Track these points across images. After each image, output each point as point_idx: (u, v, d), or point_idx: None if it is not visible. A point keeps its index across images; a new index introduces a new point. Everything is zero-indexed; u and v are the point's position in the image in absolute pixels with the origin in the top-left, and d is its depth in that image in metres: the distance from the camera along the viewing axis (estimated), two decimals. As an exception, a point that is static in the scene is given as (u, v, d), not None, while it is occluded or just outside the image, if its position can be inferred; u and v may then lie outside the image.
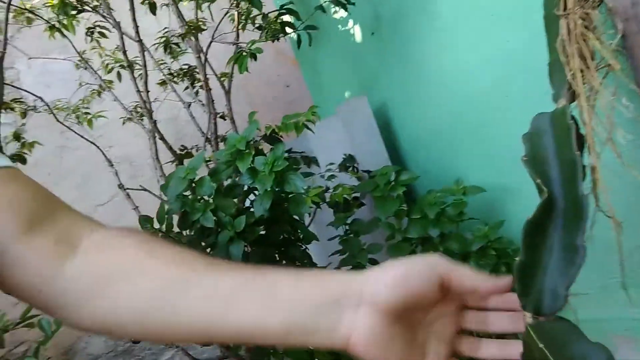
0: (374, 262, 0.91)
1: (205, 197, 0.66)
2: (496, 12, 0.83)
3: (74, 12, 1.16)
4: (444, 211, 0.82)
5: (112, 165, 1.22)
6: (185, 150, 1.46)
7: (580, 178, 0.39)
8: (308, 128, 0.75)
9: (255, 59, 0.89)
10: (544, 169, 0.41)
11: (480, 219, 0.84)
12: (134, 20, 1.11)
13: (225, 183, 0.73)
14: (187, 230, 0.65)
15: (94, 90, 1.60)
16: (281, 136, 0.75)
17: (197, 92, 1.58)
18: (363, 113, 1.19)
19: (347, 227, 0.98)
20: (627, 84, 0.43)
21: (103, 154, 1.28)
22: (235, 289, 0.39)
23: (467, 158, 1.00)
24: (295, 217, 0.75)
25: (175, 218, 0.67)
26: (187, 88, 1.61)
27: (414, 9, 1.00)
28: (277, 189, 0.67)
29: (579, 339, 0.35)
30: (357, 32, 1.24)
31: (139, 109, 1.25)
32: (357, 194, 1.09)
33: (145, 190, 1.19)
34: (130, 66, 1.16)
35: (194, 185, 0.64)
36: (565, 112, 0.43)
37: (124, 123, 1.61)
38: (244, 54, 0.88)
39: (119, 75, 1.56)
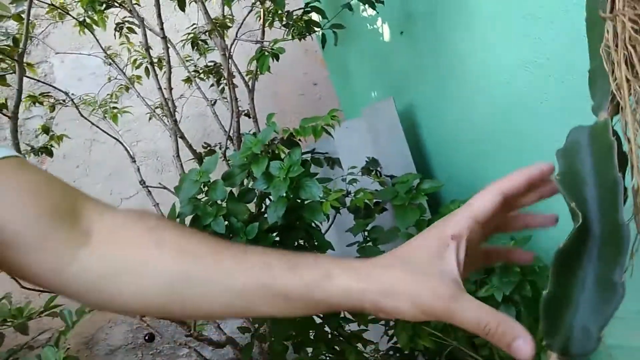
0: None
1: (218, 201, 0.64)
2: (534, 13, 0.78)
3: (101, 8, 1.16)
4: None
5: (134, 161, 1.23)
6: (209, 148, 1.45)
7: (621, 203, 0.34)
8: (327, 132, 0.72)
9: (278, 59, 0.87)
10: (580, 190, 0.37)
11: (508, 233, 0.79)
12: (159, 16, 1.11)
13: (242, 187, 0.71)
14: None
15: (121, 85, 1.61)
16: (300, 140, 0.72)
17: (222, 90, 1.57)
18: (389, 115, 1.15)
19: (366, 234, 0.95)
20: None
21: (126, 149, 1.29)
22: (247, 286, 0.38)
23: (496, 166, 0.95)
24: (312, 223, 0.72)
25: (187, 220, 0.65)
26: (212, 85, 1.61)
27: (446, 7, 0.96)
28: (292, 196, 0.64)
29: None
30: (386, 31, 1.19)
31: (163, 106, 1.25)
32: (380, 200, 1.05)
33: (164, 188, 1.19)
34: (152, 63, 1.16)
35: (207, 188, 0.63)
36: (607, 126, 0.38)
37: (150, 119, 1.62)
38: (266, 53, 0.85)
39: (147, 70, 1.56)
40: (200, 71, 1.41)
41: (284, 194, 0.61)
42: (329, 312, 0.40)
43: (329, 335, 0.78)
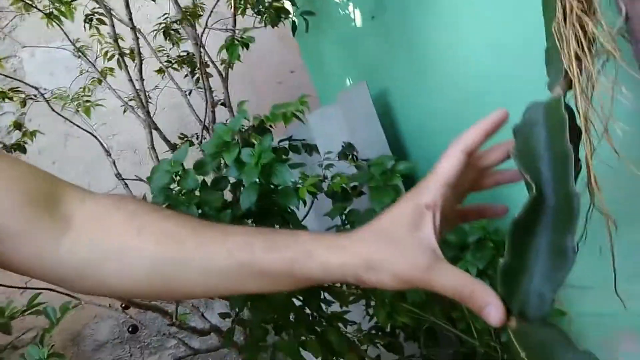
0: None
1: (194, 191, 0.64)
2: (499, -6, 0.79)
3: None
4: (442, 202, 0.80)
5: (109, 154, 1.21)
6: (186, 139, 1.44)
7: (571, 173, 0.36)
8: (298, 118, 0.73)
9: (248, 47, 0.87)
10: (534, 163, 0.38)
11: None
12: (127, 5, 1.09)
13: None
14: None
15: (94, 78, 1.59)
16: (271, 126, 0.72)
17: (197, 80, 1.55)
18: (362, 100, 1.15)
19: (344, 217, 0.96)
20: (627, 72, 0.39)
21: (100, 142, 1.27)
22: (230, 266, 0.39)
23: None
24: (287, 209, 0.73)
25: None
26: (186, 76, 1.59)
27: (414, -9, 0.96)
28: (265, 182, 0.65)
29: (566, 347, 0.33)
30: (357, 16, 1.20)
31: (135, 98, 1.23)
32: (357, 183, 1.06)
33: (141, 180, 1.18)
34: (121, 54, 1.14)
35: (179, 177, 0.63)
36: (560, 101, 0.40)
37: (124, 112, 1.60)
38: (236, 42, 0.85)
39: (119, 62, 1.54)
40: (173, 61, 1.39)
41: (256, 180, 0.62)
42: (313, 285, 0.42)
43: (310, 317, 0.80)
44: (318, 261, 0.37)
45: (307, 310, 0.81)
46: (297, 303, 0.80)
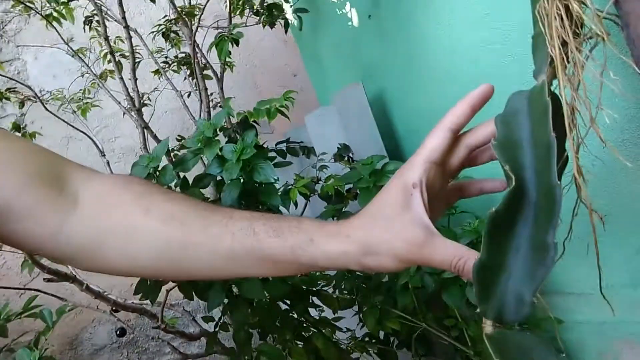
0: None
1: (172, 187, 0.62)
2: (493, -11, 0.77)
3: (64, 0, 1.13)
4: (434, 204, 0.77)
5: (104, 155, 1.20)
6: (182, 140, 1.43)
7: (554, 164, 0.33)
8: (282, 114, 0.71)
9: (237, 44, 0.85)
10: (515, 153, 0.36)
11: (472, 212, 0.78)
12: (120, 4, 1.08)
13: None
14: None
15: (94, 80, 1.58)
16: (255, 122, 0.70)
17: (197, 84, 1.54)
18: (358, 101, 1.13)
19: (337, 220, 0.93)
20: (617, 56, 0.36)
21: (95, 143, 1.27)
22: (235, 250, 0.39)
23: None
24: (273, 208, 0.71)
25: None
26: (186, 78, 1.58)
27: (409, -12, 0.94)
28: (247, 179, 0.63)
29: (544, 354, 0.30)
30: (354, 16, 1.18)
31: (127, 98, 1.22)
32: (351, 185, 1.04)
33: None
34: (112, 52, 1.13)
35: (157, 174, 0.61)
36: (543, 87, 0.37)
37: (124, 114, 1.59)
38: (225, 38, 0.83)
39: (117, 64, 1.53)
40: (171, 62, 1.38)
41: (238, 177, 0.60)
42: (318, 271, 0.43)
43: (297, 322, 0.77)
44: (320, 249, 0.38)
45: (295, 315, 0.79)
46: (284, 307, 0.78)
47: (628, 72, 0.38)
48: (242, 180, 0.62)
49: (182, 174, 0.64)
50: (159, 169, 0.61)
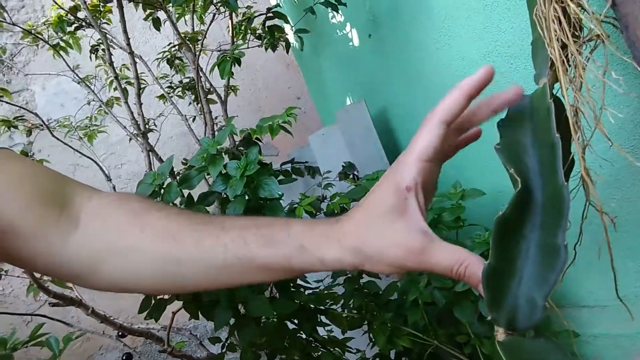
0: (370, 274, 0.86)
1: (177, 205, 0.62)
2: (491, 3, 0.78)
3: (71, 29, 1.16)
4: (441, 217, 0.76)
5: (110, 179, 1.21)
6: (188, 164, 1.43)
7: (559, 163, 0.33)
8: (286, 130, 0.71)
9: (239, 64, 0.86)
10: (519, 156, 0.35)
11: (481, 224, 0.77)
12: (125, 31, 1.10)
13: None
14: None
15: (100, 108, 1.61)
16: (258, 139, 0.70)
17: (202, 108, 1.56)
18: (361, 118, 1.14)
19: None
20: (618, 58, 0.36)
21: (101, 168, 1.27)
22: (228, 261, 0.39)
23: (469, 161, 0.93)
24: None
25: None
26: (190, 103, 1.60)
27: (408, 6, 0.96)
28: (252, 196, 0.62)
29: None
30: (355, 35, 1.19)
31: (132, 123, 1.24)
32: (352, 198, 1.03)
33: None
34: (117, 77, 1.15)
35: (162, 191, 0.61)
36: (545, 90, 0.37)
37: (130, 140, 1.61)
38: (227, 58, 0.85)
39: (124, 91, 1.56)
40: (175, 87, 1.40)
41: (243, 194, 0.60)
42: (313, 272, 0.42)
43: (305, 342, 0.75)
44: (314, 256, 0.37)
45: (303, 335, 0.77)
46: (291, 327, 0.76)
47: (629, 73, 0.37)
48: (247, 198, 0.62)
49: (186, 192, 0.64)
50: (164, 186, 0.61)
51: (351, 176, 1.14)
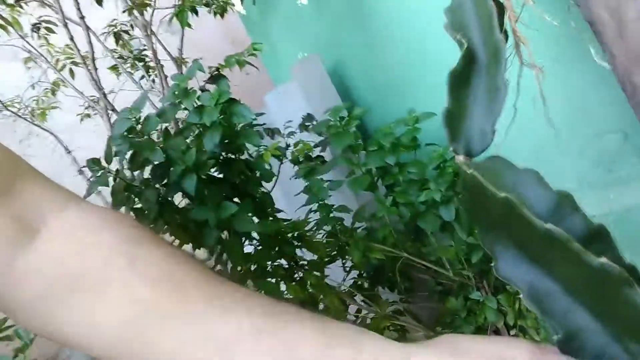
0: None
1: (154, 138, 0.65)
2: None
3: (11, 1, 1.13)
4: (400, 140, 0.84)
5: (69, 152, 1.20)
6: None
7: (495, 25, 0.40)
8: (250, 64, 0.76)
9: (197, 13, 0.89)
10: (463, 26, 0.43)
11: (438, 144, 0.86)
12: (78, 7, 1.09)
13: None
14: (138, 172, 0.64)
15: (46, 89, 1.57)
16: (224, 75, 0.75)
17: (154, 81, 1.56)
18: (317, 71, 1.19)
19: (315, 210, 0.98)
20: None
21: (59, 141, 1.25)
22: (236, 339, 0.29)
23: (420, 93, 1.02)
24: (260, 184, 0.75)
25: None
26: (142, 77, 1.59)
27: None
28: (227, 124, 0.67)
29: (510, 167, 0.36)
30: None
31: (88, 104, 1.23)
32: (320, 153, 1.09)
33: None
34: (70, 58, 1.13)
35: (140, 125, 0.64)
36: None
37: (81, 120, 1.58)
38: (185, 8, 0.88)
39: (71, 72, 1.53)
40: (126, 58, 1.40)
41: (216, 119, 0.64)
42: None
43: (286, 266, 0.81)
44: None
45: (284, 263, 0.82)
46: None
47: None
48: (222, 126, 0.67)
49: (164, 126, 0.67)
50: (141, 120, 0.64)
51: (310, 126, 1.20)
